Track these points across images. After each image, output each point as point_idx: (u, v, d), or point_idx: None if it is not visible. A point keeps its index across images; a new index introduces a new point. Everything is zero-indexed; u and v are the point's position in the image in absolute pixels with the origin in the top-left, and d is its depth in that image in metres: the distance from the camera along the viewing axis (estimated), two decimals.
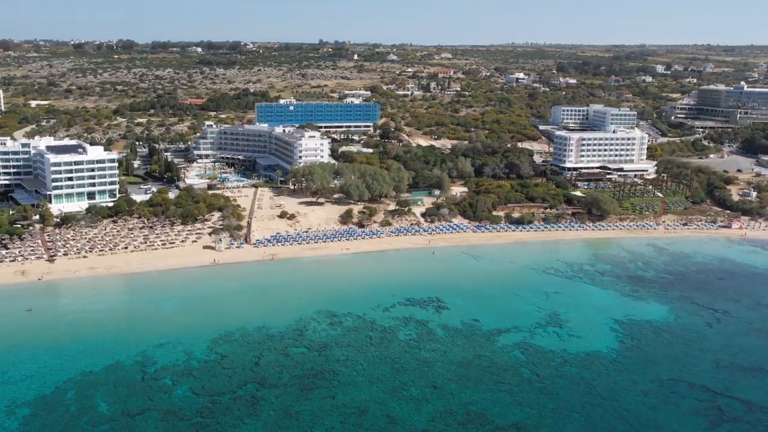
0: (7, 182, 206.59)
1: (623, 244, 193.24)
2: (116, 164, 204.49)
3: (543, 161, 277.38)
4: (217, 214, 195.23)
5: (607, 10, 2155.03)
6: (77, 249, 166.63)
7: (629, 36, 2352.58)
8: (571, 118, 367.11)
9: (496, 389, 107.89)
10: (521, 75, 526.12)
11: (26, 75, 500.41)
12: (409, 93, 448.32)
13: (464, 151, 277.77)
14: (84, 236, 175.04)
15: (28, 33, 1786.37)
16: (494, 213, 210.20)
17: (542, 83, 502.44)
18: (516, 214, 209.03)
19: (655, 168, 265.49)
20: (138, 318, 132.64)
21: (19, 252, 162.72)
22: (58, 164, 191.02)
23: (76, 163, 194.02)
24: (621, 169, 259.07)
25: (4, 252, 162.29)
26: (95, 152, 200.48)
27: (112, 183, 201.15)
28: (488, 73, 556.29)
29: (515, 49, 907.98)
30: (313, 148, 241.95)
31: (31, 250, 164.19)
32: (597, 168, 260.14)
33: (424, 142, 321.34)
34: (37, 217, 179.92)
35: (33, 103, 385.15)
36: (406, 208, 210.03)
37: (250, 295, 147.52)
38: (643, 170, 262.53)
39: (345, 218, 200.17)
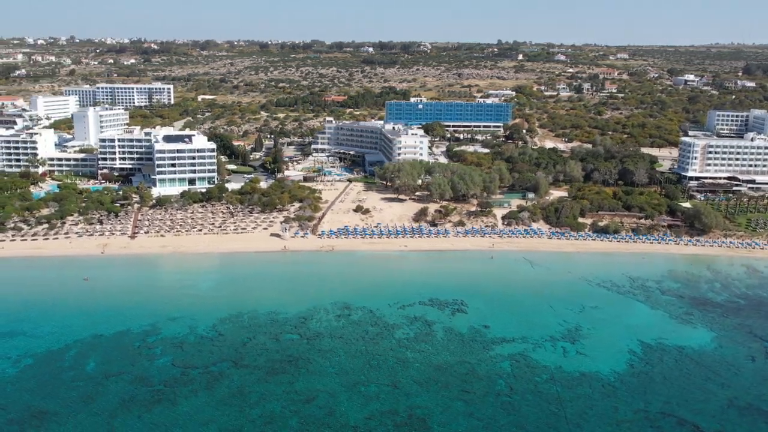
0: (130, 166, 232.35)
1: (713, 262, 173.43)
2: (215, 153, 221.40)
3: (670, 169, 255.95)
4: (297, 205, 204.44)
5: None
6: (158, 228, 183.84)
7: None
8: (726, 124, 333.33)
9: (456, 397, 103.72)
10: (691, 77, 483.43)
11: (207, 72, 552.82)
12: (556, 93, 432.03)
13: (583, 155, 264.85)
14: (171, 217, 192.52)
15: (234, 33, 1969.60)
16: (581, 220, 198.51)
17: (713, 85, 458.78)
18: (602, 223, 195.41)
19: None
20: (170, 292, 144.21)
21: (109, 228, 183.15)
22: (162, 152, 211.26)
23: (179, 151, 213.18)
24: (753, 181, 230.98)
25: (98, 227, 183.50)
26: (198, 142, 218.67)
27: (211, 170, 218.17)
28: (656, 75, 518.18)
29: (709, 50, 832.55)
30: (412, 145, 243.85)
31: (121, 227, 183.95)
32: (724, 178, 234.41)
33: (552, 143, 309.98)
34: (137, 198, 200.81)
35: (199, 98, 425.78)
36: (487, 210, 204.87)
37: (283, 281, 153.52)
38: None
39: (419, 216, 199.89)
